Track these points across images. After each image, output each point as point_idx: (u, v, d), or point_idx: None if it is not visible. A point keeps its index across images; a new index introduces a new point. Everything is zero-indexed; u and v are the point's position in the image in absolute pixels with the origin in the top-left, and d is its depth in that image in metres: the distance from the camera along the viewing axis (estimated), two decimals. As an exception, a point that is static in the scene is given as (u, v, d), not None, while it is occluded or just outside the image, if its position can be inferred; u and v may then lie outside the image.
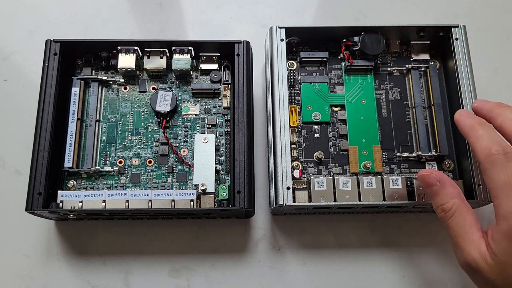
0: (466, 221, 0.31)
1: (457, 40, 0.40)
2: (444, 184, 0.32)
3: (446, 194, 0.32)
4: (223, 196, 0.37)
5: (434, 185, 0.32)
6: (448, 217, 0.31)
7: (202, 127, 0.40)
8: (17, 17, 0.48)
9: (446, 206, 0.31)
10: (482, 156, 0.30)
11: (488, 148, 0.30)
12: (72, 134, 0.38)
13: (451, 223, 0.31)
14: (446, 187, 0.32)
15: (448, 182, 0.32)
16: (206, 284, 0.39)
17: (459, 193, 0.32)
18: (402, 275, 0.40)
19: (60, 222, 0.40)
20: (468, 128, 0.33)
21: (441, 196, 0.32)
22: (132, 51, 0.40)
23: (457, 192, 0.32)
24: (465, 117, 0.34)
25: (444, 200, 0.32)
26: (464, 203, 0.31)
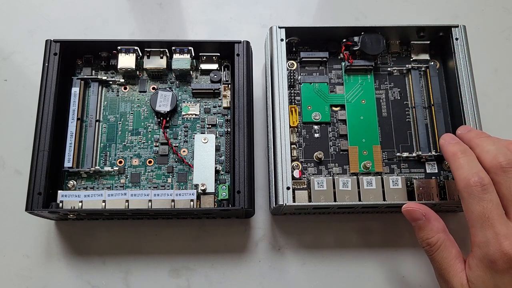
0: (450, 254, 0.32)
1: (457, 40, 0.40)
2: (429, 218, 0.33)
3: (432, 229, 0.33)
4: (223, 196, 0.37)
5: (419, 219, 0.33)
6: (434, 251, 0.33)
7: (202, 127, 0.40)
8: (17, 17, 0.48)
9: (431, 240, 0.33)
10: (461, 185, 0.31)
11: (467, 179, 0.31)
12: (72, 134, 0.38)
13: (436, 257, 0.33)
14: (431, 221, 0.33)
15: (433, 217, 0.33)
16: (206, 284, 0.39)
17: (444, 228, 0.33)
18: (402, 275, 0.40)
19: (60, 222, 0.40)
20: (450, 155, 0.33)
21: (427, 230, 0.33)
22: (132, 51, 0.40)
23: (441, 226, 0.33)
24: (448, 143, 0.34)
25: (429, 234, 0.33)
26: (448, 237, 0.33)
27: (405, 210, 0.34)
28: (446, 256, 0.32)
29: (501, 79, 0.47)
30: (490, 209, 0.30)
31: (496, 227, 0.30)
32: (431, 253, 0.33)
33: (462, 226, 0.41)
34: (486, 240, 0.30)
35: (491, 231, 0.30)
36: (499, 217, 0.30)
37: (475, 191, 0.30)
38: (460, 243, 0.41)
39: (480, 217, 0.30)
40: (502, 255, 0.29)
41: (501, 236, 0.29)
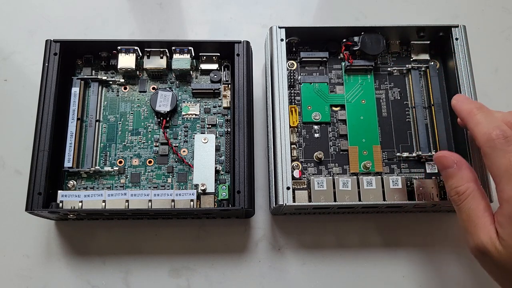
0: (479, 206, 0.30)
1: (457, 40, 0.40)
2: (460, 166, 0.32)
3: (462, 177, 0.31)
4: (223, 196, 0.37)
5: (451, 167, 0.32)
6: (462, 200, 0.31)
7: (202, 127, 0.40)
8: (17, 17, 0.48)
9: (461, 189, 0.31)
10: (482, 141, 0.30)
11: (488, 133, 0.30)
12: (72, 134, 0.38)
13: (464, 207, 0.31)
14: (462, 169, 0.32)
15: (465, 165, 0.32)
16: (206, 284, 0.39)
17: (475, 178, 0.32)
18: (402, 275, 0.40)
19: (60, 222, 0.40)
20: (466, 113, 0.32)
21: (457, 178, 0.32)
22: (132, 51, 0.40)
23: (473, 176, 0.32)
24: (462, 102, 0.33)
25: (459, 182, 0.31)
26: (479, 188, 0.31)
27: (437, 157, 0.33)
28: (474, 207, 0.30)
29: (501, 79, 0.47)
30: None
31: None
32: (458, 203, 0.31)
33: (462, 226, 0.41)
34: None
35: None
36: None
37: (499, 144, 0.29)
38: (459, 242, 0.41)
39: (508, 170, 0.28)
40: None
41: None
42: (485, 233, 0.29)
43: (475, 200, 0.30)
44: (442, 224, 0.41)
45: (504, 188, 0.29)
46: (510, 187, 0.28)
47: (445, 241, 0.41)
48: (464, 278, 0.40)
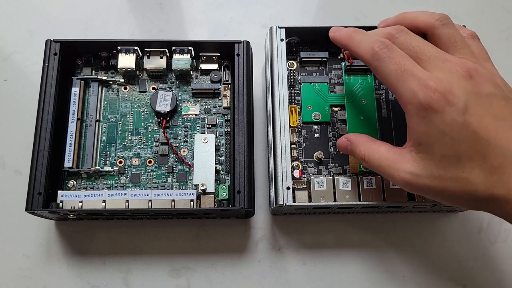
0: (382, 151, 0.31)
1: (457, 40, 0.40)
2: (351, 140, 0.34)
3: (357, 145, 0.33)
4: (223, 196, 0.37)
5: (348, 146, 0.34)
6: (370, 159, 0.32)
7: (202, 127, 0.40)
8: (17, 17, 0.48)
9: (362, 154, 0.33)
10: (368, 57, 0.31)
11: (371, 48, 0.31)
12: (72, 134, 0.38)
13: (374, 164, 0.32)
14: (355, 141, 0.34)
15: (352, 136, 0.34)
16: (206, 284, 0.39)
17: (367, 137, 0.34)
18: (402, 275, 0.40)
19: (60, 222, 0.40)
20: (346, 39, 0.33)
21: (356, 149, 0.33)
22: (132, 51, 0.40)
23: (364, 137, 0.34)
24: (339, 31, 0.34)
25: (358, 151, 0.33)
26: (372, 142, 0.33)
27: (337, 146, 0.36)
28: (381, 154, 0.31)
29: (501, 79, 0.47)
30: (403, 61, 0.30)
31: (417, 74, 0.29)
32: (369, 163, 0.32)
33: (462, 226, 0.41)
34: (412, 91, 0.29)
35: (413, 80, 0.29)
36: (415, 66, 0.30)
37: (383, 54, 0.30)
38: (459, 242, 0.41)
39: (398, 73, 0.29)
40: (432, 94, 0.28)
41: (424, 80, 0.28)
42: (403, 163, 0.30)
43: (376, 150, 0.32)
44: (442, 224, 0.41)
45: (402, 93, 0.29)
46: (406, 87, 0.29)
47: (445, 241, 0.41)
48: (464, 277, 0.40)
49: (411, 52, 0.30)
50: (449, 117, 0.28)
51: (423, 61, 0.30)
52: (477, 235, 0.41)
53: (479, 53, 0.32)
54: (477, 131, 0.27)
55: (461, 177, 0.28)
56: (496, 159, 0.27)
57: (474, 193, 0.28)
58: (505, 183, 0.27)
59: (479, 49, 0.33)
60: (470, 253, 0.40)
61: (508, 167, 0.27)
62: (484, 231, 0.41)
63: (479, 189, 0.27)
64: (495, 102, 0.28)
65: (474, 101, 0.28)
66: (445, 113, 0.28)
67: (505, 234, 0.41)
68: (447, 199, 0.29)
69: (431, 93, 0.28)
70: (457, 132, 0.28)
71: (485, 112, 0.28)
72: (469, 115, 0.28)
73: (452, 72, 0.29)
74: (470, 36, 0.33)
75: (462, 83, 0.29)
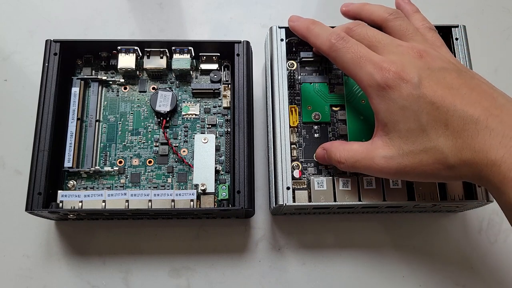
0: (355, 148, 0.33)
1: (457, 40, 0.40)
2: (327, 148, 0.35)
3: (332, 151, 0.35)
4: (223, 196, 0.37)
5: (324, 155, 0.36)
6: (346, 159, 0.33)
7: (202, 127, 0.40)
8: (17, 17, 0.48)
9: (337, 157, 0.34)
10: (326, 49, 0.34)
11: (328, 40, 0.33)
12: (72, 134, 0.38)
13: (350, 162, 0.33)
14: (330, 149, 0.35)
15: (327, 145, 0.36)
16: (206, 284, 0.39)
17: (339, 142, 0.35)
18: (402, 275, 0.40)
19: (60, 222, 0.40)
20: (305, 30, 0.36)
21: (332, 155, 0.34)
22: (132, 51, 0.40)
23: (337, 143, 0.35)
24: (298, 21, 0.37)
25: (334, 156, 0.34)
26: (345, 144, 0.34)
27: (316, 158, 0.37)
28: (355, 153, 0.33)
29: (501, 79, 0.47)
30: (358, 49, 0.32)
31: (372, 59, 0.31)
32: (346, 166, 0.34)
33: (462, 226, 0.41)
34: (369, 74, 0.31)
35: (369, 64, 0.31)
36: (369, 52, 0.32)
37: (339, 45, 0.33)
38: (459, 242, 0.41)
39: (355, 60, 0.32)
40: (387, 74, 0.30)
41: (379, 63, 0.31)
42: (376, 151, 0.32)
43: (345, 150, 0.34)
44: (442, 224, 0.41)
45: (360, 78, 0.32)
46: (363, 71, 0.31)
47: (445, 241, 0.41)
48: (464, 277, 0.40)
49: (367, 42, 0.33)
50: (405, 92, 0.30)
51: (378, 48, 0.32)
52: (477, 235, 0.41)
53: (434, 41, 0.35)
54: (434, 101, 0.29)
55: (430, 146, 0.29)
56: (457, 123, 0.28)
57: (445, 161, 0.29)
58: (470, 145, 0.28)
59: (434, 38, 0.35)
60: (470, 253, 0.40)
61: (469, 129, 0.28)
62: (484, 231, 0.41)
63: (449, 155, 0.28)
64: (447, 74, 0.30)
65: (427, 75, 0.30)
66: (402, 88, 0.30)
67: (505, 234, 0.41)
68: (424, 175, 0.30)
69: (386, 73, 0.30)
70: (416, 104, 0.29)
71: (438, 84, 0.30)
72: (423, 87, 0.29)
73: (404, 54, 0.31)
74: (428, 28, 0.36)
75: (414, 62, 0.31)
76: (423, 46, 0.32)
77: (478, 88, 0.30)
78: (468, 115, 0.28)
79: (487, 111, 0.28)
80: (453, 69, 0.31)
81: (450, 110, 0.28)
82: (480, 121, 0.28)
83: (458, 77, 0.30)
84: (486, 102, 0.28)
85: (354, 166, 0.33)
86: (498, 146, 0.27)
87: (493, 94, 0.30)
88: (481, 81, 0.31)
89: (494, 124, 0.27)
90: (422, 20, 0.36)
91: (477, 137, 0.27)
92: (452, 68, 0.31)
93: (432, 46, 0.33)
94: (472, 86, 0.30)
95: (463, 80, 0.30)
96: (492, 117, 0.28)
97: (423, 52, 0.31)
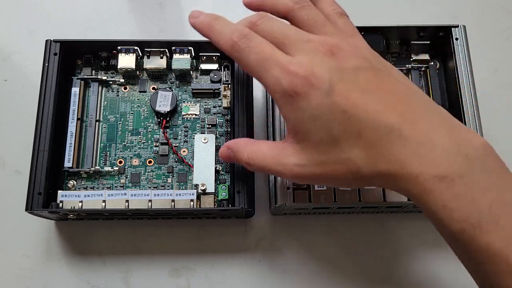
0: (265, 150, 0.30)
1: (457, 40, 0.40)
2: (232, 147, 0.33)
3: (239, 151, 0.32)
4: (223, 196, 0.37)
5: (230, 154, 0.33)
6: (254, 161, 0.31)
7: (202, 127, 0.40)
8: (17, 17, 0.48)
9: (245, 158, 0.31)
10: (228, 49, 0.30)
11: (230, 39, 0.30)
12: (72, 134, 0.38)
13: (260, 165, 0.31)
14: (235, 149, 0.32)
15: (231, 143, 0.33)
16: (206, 284, 0.39)
17: (245, 141, 0.33)
18: (402, 275, 0.40)
19: (60, 222, 0.40)
20: (207, 28, 0.32)
21: (238, 156, 0.32)
22: (132, 51, 0.40)
23: (243, 142, 0.33)
24: (198, 17, 0.33)
25: (241, 156, 0.32)
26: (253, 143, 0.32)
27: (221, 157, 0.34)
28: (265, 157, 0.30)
29: (501, 79, 0.47)
30: (263, 49, 0.29)
31: (279, 61, 0.28)
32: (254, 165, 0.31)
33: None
34: (276, 78, 0.28)
35: (275, 67, 0.28)
36: (276, 52, 0.29)
37: (242, 44, 0.29)
38: (460, 243, 0.41)
39: (260, 62, 0.29)
40: (295, 80, 0.27)
41: (286, 65, 0.28)
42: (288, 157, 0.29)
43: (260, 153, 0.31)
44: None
45: (267, 81, 0.29)
46: (269, 75, 0.28)
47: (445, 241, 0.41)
48: (464, 277, 0.40)
49: (273, 38, 0.30)
50: (315, 101, 0.27)
51: (286, 46, 0.29)
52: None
53: (346, 29, 0.31)
54: (346, 110, 0.27)
55: (343, 158, 0.27)
56: (370, 134, 0.26)
57: (359, 172, 0.27)
58: (384, 157, 0.26)
59: (346, 25, 0.32)
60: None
61: (383, 139, 0.26)
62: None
63: (362, 167, 0.27)
64: (361, 75, 0.28)
65: (339, 78, 0.27)
66: (311, 97, 0.27)
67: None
68: (338, 183, 0.29)
69: (294, 78, 0.27)
70: (327, 114, 0.27)
71: (351, 87, 0.27)
72: (335, 94, 0.27)
73: (315, 52, 0.28)
74: (338, 14, 0.32)
75: (325, 61, 0.28)
76: (335, 40, 0.29)
77: (393, 90, 0.28)
78: (382, 124, 0.26)
79: (401, 117, 0.26)
80: (367, 68, 0.28)
81: (362, 119, 0.26)
82: (394, 130, 0.26)
83: (373, 77, 0.28)
84: (401, 107, 0.27)
85: (264, 169, 0.30)
86: (413, 156, 0.25)
87: (409, 95, 0.28)
88: (398, 80, 0.29)
89: (408, 132, 0.26)
90: (331, 5, 0.33)
91: (391, 147, 0.26)
92: (366, 66, 0.28)
93: (344, 36, 0.31)
94: (387, 88, 0.28)
95: (377, 81, 0.28)
96: (406, 123, 0.26)
97: (334, 48, 0.28)
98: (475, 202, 0.24)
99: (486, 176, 0.25)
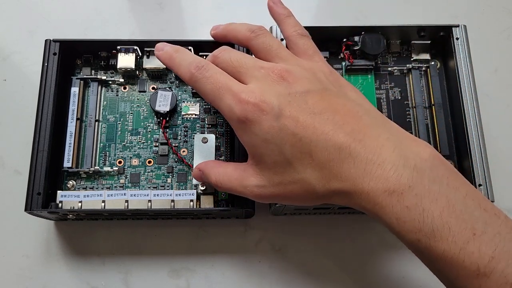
0: (229, 172, 0.32)
1: (458, 39, 0.40)
2: (202, 169, 0.33)
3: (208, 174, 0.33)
4: (223, 196, 0.37)
5: (201, 176, 0.34)
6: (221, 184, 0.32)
7: (202, 127, 0.40)
8: (17, 17, 0.48)
9: (214, 181, 0.32)
10: (187, 80, 0.32)
11: (188, 71, 0.31)
12: (71, 134, 0.38)
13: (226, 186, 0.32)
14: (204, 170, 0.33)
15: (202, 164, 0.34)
16: (206, 284, 0.39)
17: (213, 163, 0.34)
18: (402, 275, 0.40)
19: (60, 222, 0.40)
20: (168, 59, 0.33)
21: (208, 178, 0.33)
22: (132, 50, 0.40)
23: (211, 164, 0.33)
24: (162, 49, 0.34)
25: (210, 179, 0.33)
26: (219, 165, 0.33)
27: (195, 178, 0.35)
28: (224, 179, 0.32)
29: (501, 79, 0.47)
30: (218, 79, 0.30)
31: (231, 89, 0.29)
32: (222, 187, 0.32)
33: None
34: (229, 106, 0.29)
35: (228, 96, 0.29)
36: (230, 81, 0.30)
37: (199, 74, 0.31)
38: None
39: (215, 91, 0.30)
40: (246, 106, 0.28)
41: (237, 94, 0.29)
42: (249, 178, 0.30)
43: (228, 174, 0.32)
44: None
45: (222, 109, 0.30)
46: (223, 103, 0.30)
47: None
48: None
49: (231, 68, 0.31)
50: (266, 125, 0.28)
51: (242, 74, 0.31)
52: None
53: (305, 50, 0.33)
54: (296, 132, 0.28)
55: (298, 178, 0.28)
56: (321, 154, 0.27)
57: (314, 191, 0.28)
58: (336, 175, 0.27)
59: (306, 46, 0.33)
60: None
61: (333, 159, 0.27)
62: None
63: (317, 186, 0.28)
64: (309, 97, 0.29)
65: (288, 103, 0.28)
66: (262, 121, 0.28)
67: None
68: (298, 201, 0.30)
69: (245, 105, 0.28)
70: (278, 137, 0.28)
71: (300, 110, 0.28)
72: (284, 118, 0.28)
73: (266, 78, 0.30)
74: (299, 36, 0.34)
75: (275, 87, 0.29)
76: (284, 66, 0.30)
77: (342, 109, 0.29)
78: (331, 144, 0.27)
79: (350, 136, 0.27)
80: (316, 90, 0.29)
81: (313, 140, 0.27)
82: (343, 148, 0.27)
83: (321, 99, 0.29)
84: (349, 126, 0.28)
85: (230, 191, 0.32)
86: (363, 173, 0.26)
87: (358, 113, 0.29)
88: (347, 99, 0.30)
89: (358, 150, 0.27)
90: (293, 26, 0.34)
91: (342, 166, 0.27)
92: (316, 88, 0.30)
93: (300, 59, 0.32)
94: (335, 108, 0.28)
95: (326, 102, 0.29)
96: (355, 142, 0.27)
97: (284, 72, 0.30)
98: (426, 211, 0.25)
99: (435, 185, 0.26)
